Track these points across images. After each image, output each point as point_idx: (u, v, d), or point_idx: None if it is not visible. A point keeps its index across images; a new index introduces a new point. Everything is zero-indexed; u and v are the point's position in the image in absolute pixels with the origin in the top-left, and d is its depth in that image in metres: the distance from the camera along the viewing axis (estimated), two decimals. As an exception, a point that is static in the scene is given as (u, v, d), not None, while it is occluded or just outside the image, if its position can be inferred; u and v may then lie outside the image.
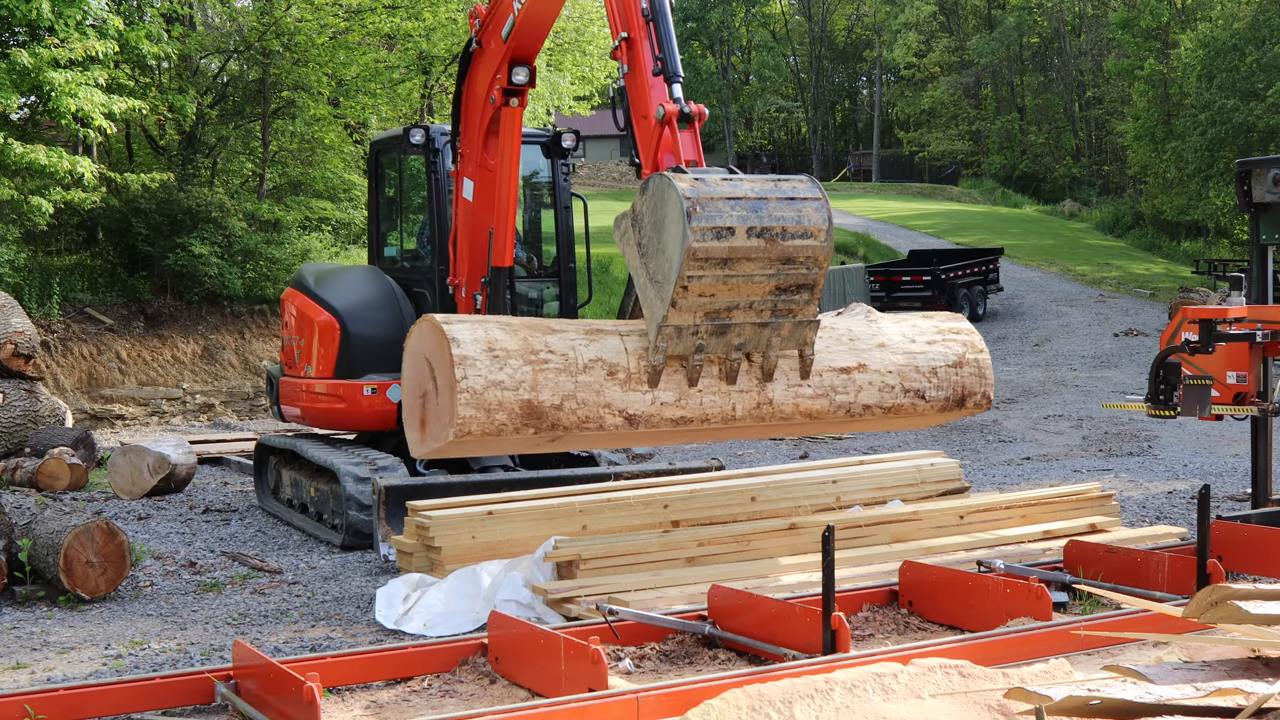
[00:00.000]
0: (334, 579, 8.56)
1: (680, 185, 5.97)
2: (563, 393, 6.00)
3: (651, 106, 6.86)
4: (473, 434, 5.86)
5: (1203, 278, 30.33)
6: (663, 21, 7.06)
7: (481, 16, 9.06)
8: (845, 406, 6.63)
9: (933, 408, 6.96)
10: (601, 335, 6.29)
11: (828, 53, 68.88)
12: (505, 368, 5.89)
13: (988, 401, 7.22)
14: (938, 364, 6.97)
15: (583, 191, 12.00)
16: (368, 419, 10.36)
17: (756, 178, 6.28)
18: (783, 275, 6.14)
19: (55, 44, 16.34)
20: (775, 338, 6.29)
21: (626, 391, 6.14)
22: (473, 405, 5.81)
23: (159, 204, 20.08)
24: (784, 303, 6.22)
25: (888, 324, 7.08)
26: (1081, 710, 4.00)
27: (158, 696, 5.59)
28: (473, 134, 9.38)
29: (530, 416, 5.95)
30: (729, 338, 6.19)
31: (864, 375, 6.74)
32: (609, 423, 6.09)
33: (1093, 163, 58.00)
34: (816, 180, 6.41)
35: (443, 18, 21.89)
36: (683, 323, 6.05)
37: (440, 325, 6.00)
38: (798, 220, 6.13)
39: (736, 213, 6.00)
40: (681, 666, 6.13)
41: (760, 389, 6.40)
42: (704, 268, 5.93)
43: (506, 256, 9.45)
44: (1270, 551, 7.32)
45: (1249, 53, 33.59)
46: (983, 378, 7.14)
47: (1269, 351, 8.40)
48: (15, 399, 12.96)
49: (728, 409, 6.35)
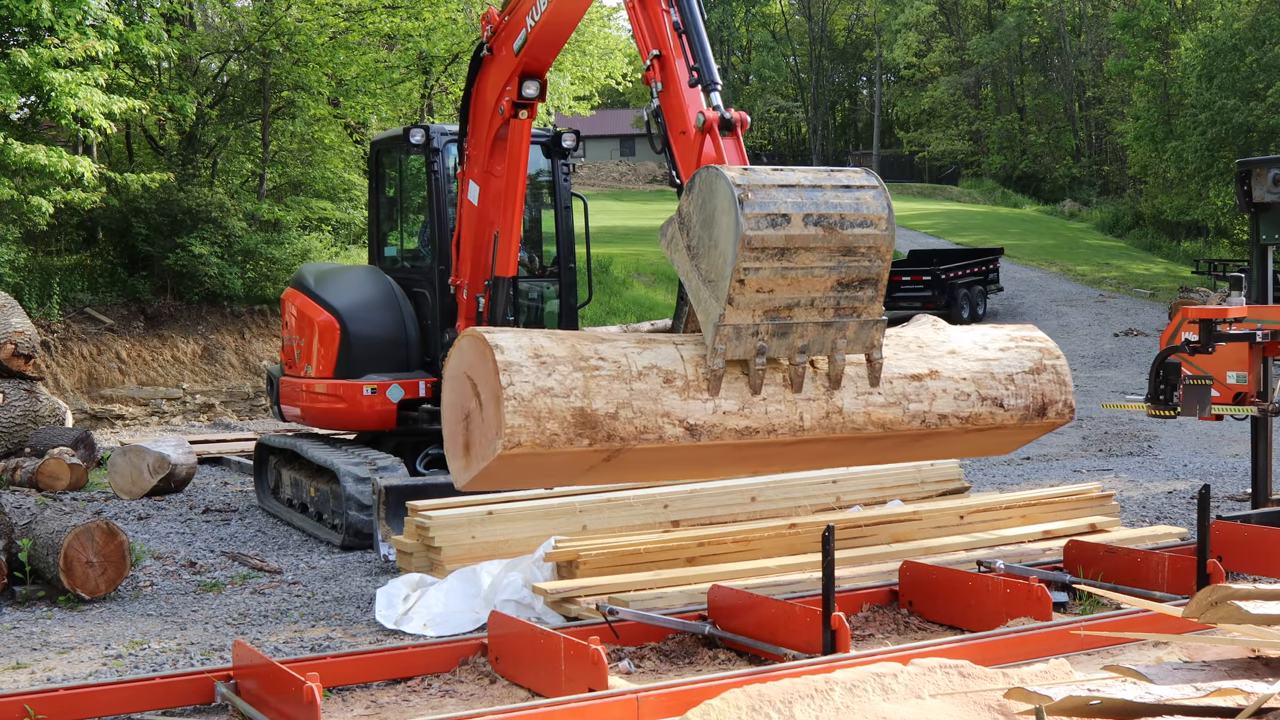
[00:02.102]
0: (334, 579, 8.56)
1: (729, 174, 5.68)
2: (617, 400, 5.61)
3: (690, 119, 6.63)
4: (522, 446, 5.45)
5: (1203, 278, 30.30)
6: (695, 33, 6.84)
7: (494, 22, 8.89)
8: (920, 415, 6.22)
9: (1012, 417, 6.50)
10: (654, 344, 5.93)
11: (828, 53, 68.87)
12: (554, 374, 5.55)
13: (1070, 411, 6.73)
14: (1014, 370, 6.54)
15: (583, 191, 12.01)
16: (368, 419, 10.36)
17: (807, 168, 6.00)
18: (844, 268, 5.80)
19: (55, 44, 16.34)
20: (840, 339, 5.92)
21: (686, 400, 5.73)
22: (521, 413, 5.42)
23: (159, 204, 20.08)
24: (847, 300, 5.87)
25: (956, 332, 6.74)
26: (1081, 710, 4.00)
27: (158, 696, 5.59)
28: (480, 139, 9.34)
29: (584, 425, 5.55)
30: (791, 339, 5.83)
31: (937, 382, 6.32)
32: (669, 433, 5.70)
33: (1093, 163, 58.00)
34: (872, 170, 6.08)
35: (443, 18, 21.91)
36: (741, 321, 5.71)
37: (482, 334, 5.65)
38: (856, 208, 5.79)
39: (791, 199, 5.67)
40: (681, 666, 6.14)
41: (828, 397, 5.99)
42: (760, 259, 5.61)
43: (510, 266, 9.45)
44: (1270, 551, 7.32)
45: (1249, 53, 33.59)
46: (1063, 385, 6.67)
47: (1269, 351, 8.40)
48: (15, 399, 12.96)
49: (795, 418, 5.92)
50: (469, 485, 5.86)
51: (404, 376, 10.29)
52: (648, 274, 31.70)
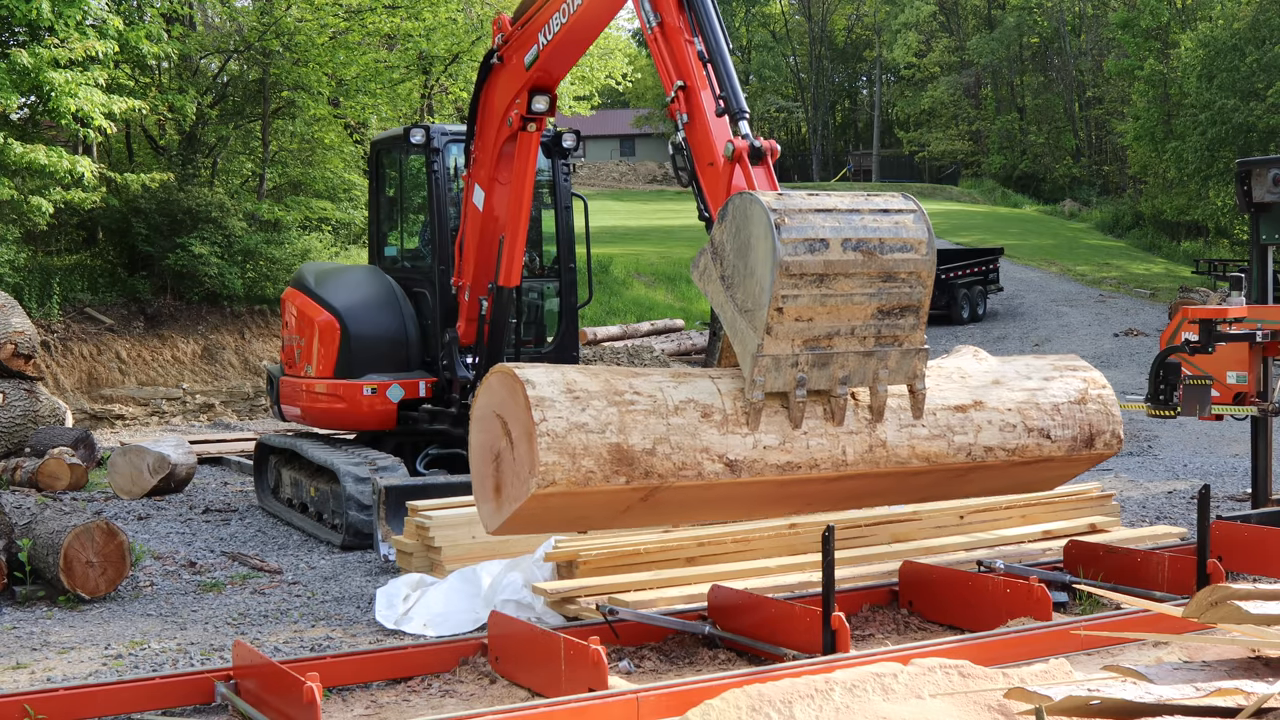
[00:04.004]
0: (334, 579, 8.56)
1: (764, 199, 5.51)
2: (654, 435, 5.42)
3: (718, 149, 6.45)
4: (557, 484, 5.24)
5: (1203, 278, 30.27)
6: (722, 61, 6.64)
7: (506, 30, 8.72)
8: (965, 448, 6.05)
9: (1059, 449, 6.35)
10: (690, 378, 5.76)
11: (828, 53, 68.87)
12: (588, 409, 5.35)
13: (1118, 441, 6.58)
14: (1059, 400, 6.39)
15: (583, 191, 12.01)
16: (368, 419, 10.36)
17: (844, 192, 5.83)
18: (884, 295, 5.60)
19: (55, 44, 16.34)
20: (882, 369, 5.72)
21: (724, 434, 5.54)
22: (555, 450, 5.22)
23: (159, 204, 20.08)
24: (888, 328, 5.67)
25: (997, 362, 6.61)
26: (1081, 710, 4.00)
27: (158, 696, 5.59)
28: (487, 146, 9.29)
29: (620, 462, 5.35)
30: (832, 370, 5.62)
31: (981, 414, 6.14)
32: (708, 469, 5.50)
33: (1093, 163, 57.99)
34: (910, 195, 5.91)
35: (443, 18, 21.91)
36: (780, 352, 5.50)
37: (512, 370, 5.46)
38: (895, 231, 5.60)
39: (829, 223, 5.49)
40: (681, 666, 6.14)
41: (871, 430, 5.79)
42: (798, 285, 5.42)
43: (514, 276, 9.44)
44: (1270, 551, 7.32)
45: (1249, 53, 33.58)
46: (1109, 415, 6.52)
47: (1269, 351, 8.40)
48: (15, 399, 12.96)
49: (838, 453, 5.73)
50: (500, 529, 5.65)
51: (404, 376, 10.30)
52: (647, 274, 31.70)
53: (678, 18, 6.78)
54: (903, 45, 61.13)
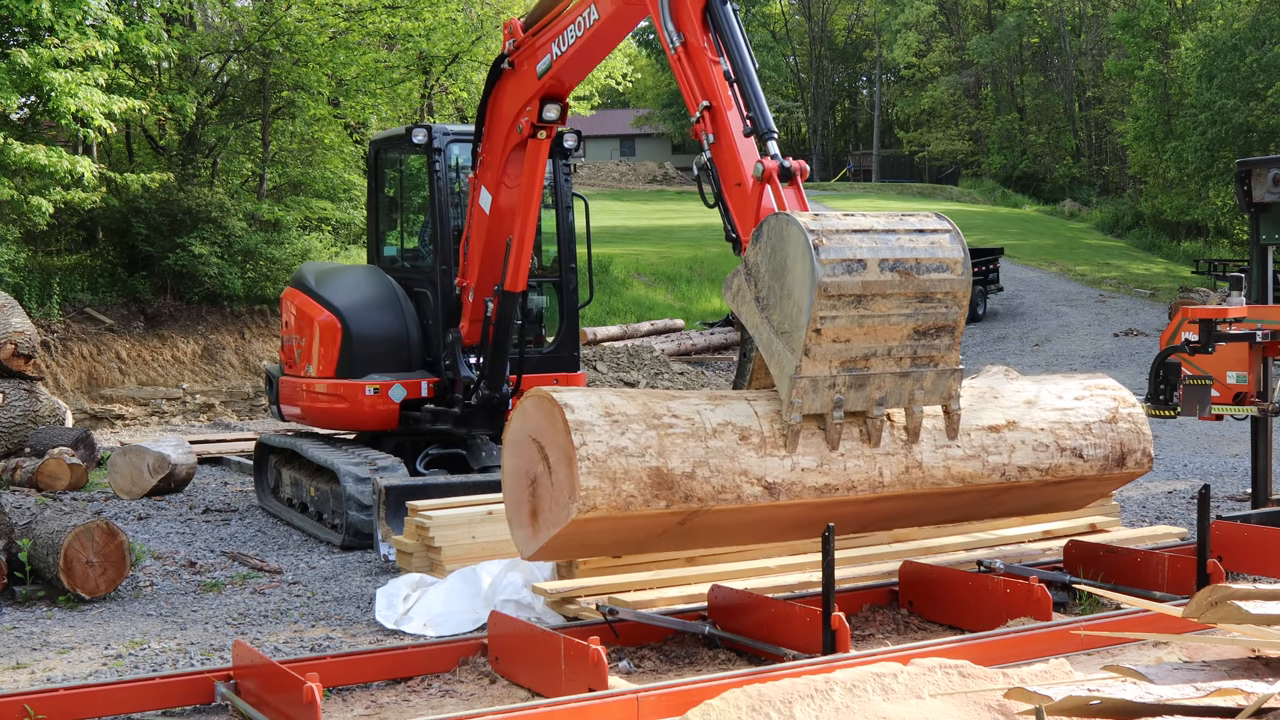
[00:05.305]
0: (334, 579, 8.56)
1: (801, 219, 5.49)
2: (693, 459, 5.42)
3: (746, 170, 6.37)
4: (598, 509, 5.22)
5: (1203, 278, 30.27)
6: (748, 80, 6.60)
7: (517, 35, 8.64)
8: (999, 468, 6.08)
9: (1091, 468, 6.41)
10: (727, 400, 5.77)
11: (828, 53, 68.87)
12: (627, 433, 5.35)
13: (1149, 460, 6.65)
14: (1091, 419, 6.46)
15: (583, 191, 12.01)
16: (369, 419, 10.36)
17: (878, 213, 5.83)
18: (921, 315, 5.60)
19: (55, 44, 16.35)
20: (918, 390, 5.73)
21: (763, 457, 5.55)
22: (595, 474, 5.19)
23: (159, 204, 20.09)
24: (924, 349, 5.67)
25: (1029, 382, 6.66)
26: (1081, 710, 4.00)
27: (158, 696, 5.60)
28: (495, 149, 9.27)
29: (660, 486, 5.35)
30: (869, 391, 5.61)
31: (1015, 434, 6.17)
32: (747, 492, 5.52)
33: (1093, 163, 57.98)
34: (944, 215, 5.92)
35: (443, 18, 21.91)
36: (818, 373, 5.49)
37: (549, 394, 5.44)
38: (931, 252, 5.60)
39: (866, 244, 5.48)
40: (681, 666, 6.13)
41: (907, 451, 5.80)
42: (837, 306, 5.41)
43: (520, 281, 9.43)
44: (1270, 551, 7.31)
45: (1249, 53, 33.57)
46: (1140, 434, 6.59)
47: (1269, 351, 8.40)
48: (15, 399, 12.96)
49: (875, 474, 5.75)
50: (536, 555, 5.59)
51: (406, 376, 10.29)
52: (647, 274, 31.71)
53: (702, 37, 6.72)
54: (903, 45, 61.12)
